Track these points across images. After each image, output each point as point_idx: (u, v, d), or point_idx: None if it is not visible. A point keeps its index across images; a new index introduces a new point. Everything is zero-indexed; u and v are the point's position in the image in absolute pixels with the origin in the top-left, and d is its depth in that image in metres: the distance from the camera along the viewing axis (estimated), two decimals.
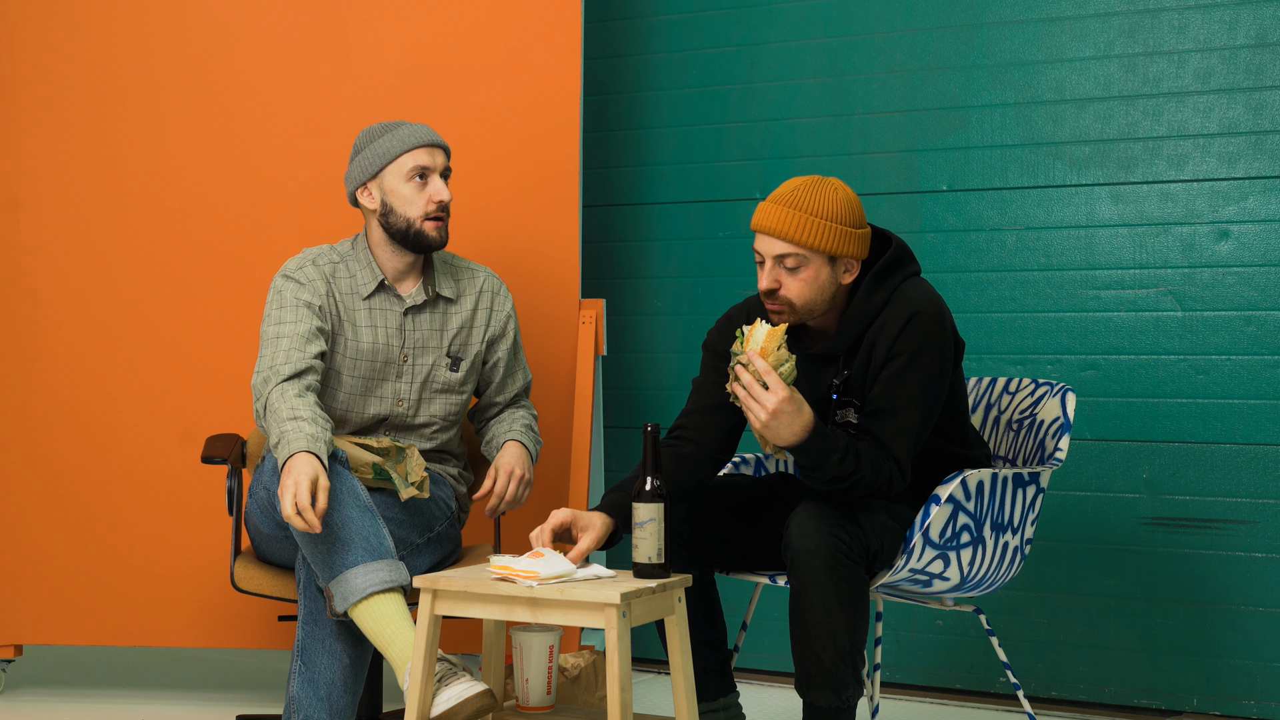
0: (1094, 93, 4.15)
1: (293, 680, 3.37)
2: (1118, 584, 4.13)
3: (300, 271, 3.63)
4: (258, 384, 3.49)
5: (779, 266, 3.24)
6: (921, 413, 3.23)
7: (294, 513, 3.24)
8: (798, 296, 3.25)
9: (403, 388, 3.68)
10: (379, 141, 3.62)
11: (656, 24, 4.73)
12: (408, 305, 3.67)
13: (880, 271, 3.29)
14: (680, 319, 4.69)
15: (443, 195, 3.62)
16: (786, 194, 3.23)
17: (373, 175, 3.62)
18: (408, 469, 3.43)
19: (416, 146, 3.60)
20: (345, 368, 3.64)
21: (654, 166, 4.74)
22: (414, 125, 3.64)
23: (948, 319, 3.29)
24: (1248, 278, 4.01)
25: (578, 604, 3.02)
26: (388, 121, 3.67)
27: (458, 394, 3.73)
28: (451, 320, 3.72)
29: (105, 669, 4.67)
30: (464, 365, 3.72)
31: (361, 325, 3.65)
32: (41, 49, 4.27)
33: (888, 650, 4.37)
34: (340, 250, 3.70)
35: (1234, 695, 4.02)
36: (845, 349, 3.30)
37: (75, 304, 4.24)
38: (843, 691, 3.16)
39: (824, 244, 3.21)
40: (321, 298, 3.61)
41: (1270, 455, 3.99)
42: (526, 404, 3.86)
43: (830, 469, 3.16)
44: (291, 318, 3.57)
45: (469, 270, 3.79)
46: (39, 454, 4.23)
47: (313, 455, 3.31)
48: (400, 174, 3.60)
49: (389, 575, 3.33)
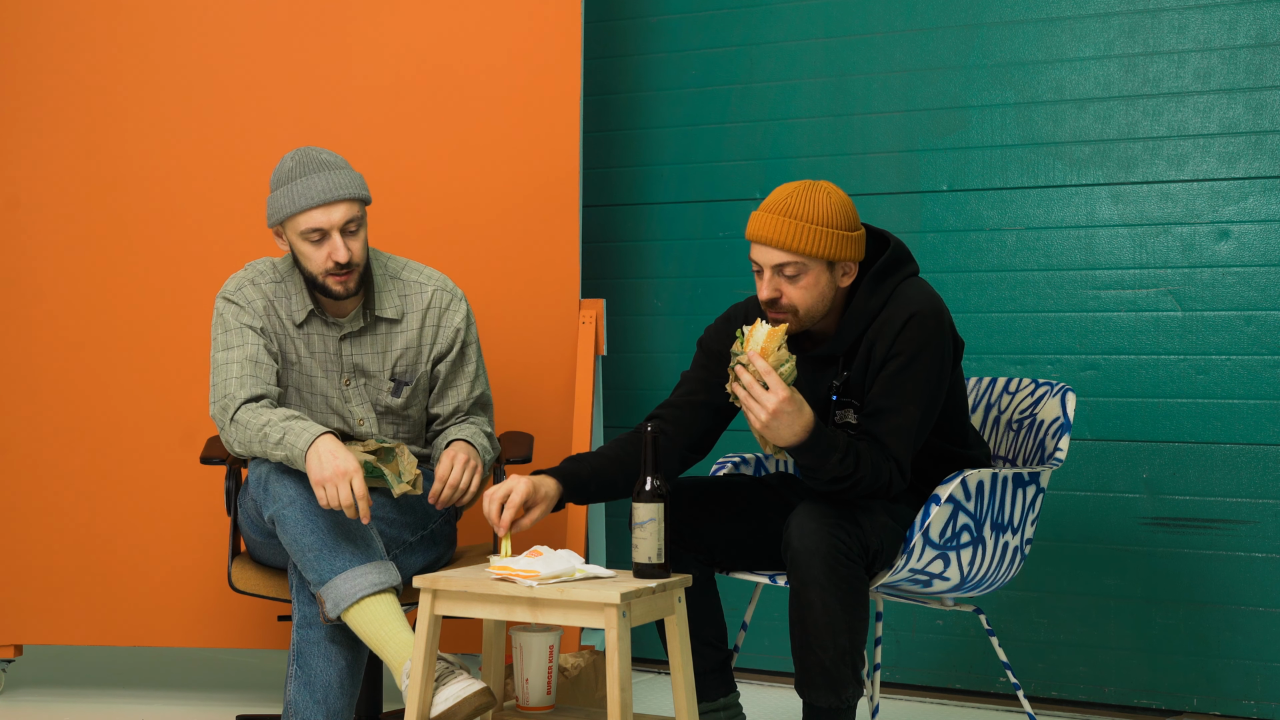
0: (1094, 93, 4.15)
1: (289, 684, 3.37)
2: (1118, 584, 4.13)
3: (239, 293, 3.55)
4: (216, 413, 3.45)
5: (778, 276, 3.23)
6: (920, 412, 3.23)
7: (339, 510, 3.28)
8: (800, 303, 3.24)
9: (356, 409, 3.61)
10: (279, 193, 3.48)
11: (656, 24, 4.73)
12: (344, 332, 3.58)
13: (878, 272, 3.29)
14: (680, 319, 4.69)
15: (339, 255, 3.44)
16: (780, 202, 3.23)
17: (278, 224, 3.51)
18: (400, 467, 3.43)
19: (309, 208, 3.44)
20: (303, 385, 3.59)
21: (654, 166, 4.74)
22: (312, 178, 3.45)
23: (946, 318, 3.29)
24: (1248, 278, 4.01)
25: (578, 604, 3.02)
26: (297, 160, 3.48)
27: (402, 416, 3.65)
28: (395, 341, 3.61)
29: (105, 669, 4.67)
30: (405, 391, 3.61)
31: (301, 351, 3.58)
32: (42, 49, 4.27)
33: (888, 650, 4.37)
34: (282, 269, 3.60)
35: (1234, 695, 4.02)
36: (845, 350, 3.30)
37: (75, 304, 4.24)
38: (843, 691, 3.16)
39: (821, 250, 3.21)
40: (263, 318, 3.54)
41: (1270, 455, 3.99)
42: (477, 418, 3.71)
43: (831, 469, 3.16)
44: (238, 341, 3.50)
45: (417, 284, 3.64)
46: (39, 454, 4.23)
47: (332, 435, 3.31)
48: (296, 233, 3.47)
49: (378, 578, 3.32)
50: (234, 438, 3.42)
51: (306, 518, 3.34)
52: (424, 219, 4.19)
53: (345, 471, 3.26)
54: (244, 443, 3.40)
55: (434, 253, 4.08)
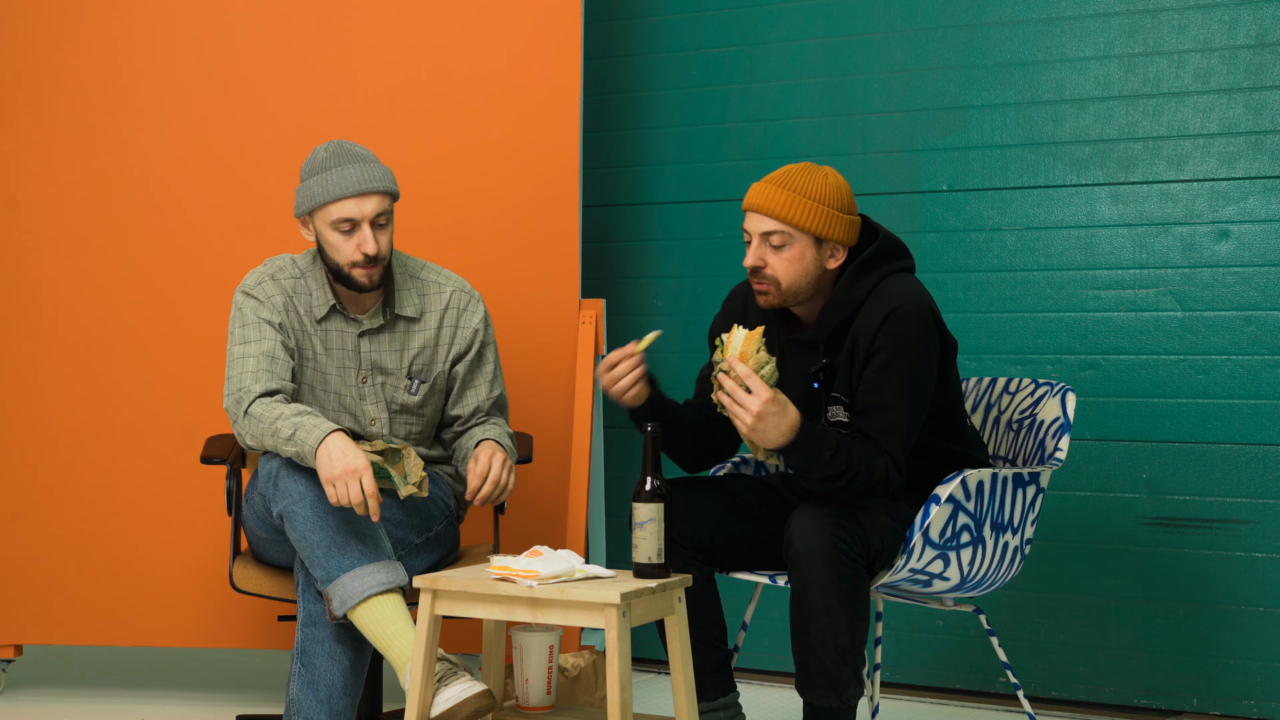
0: (1094, 93, 4.15)
1: (292, 683, 3.37)
2: (1118, 584, 4.13)
3: (259, 288, 3.56)
4: (230, 406, 3.46)
5: (765, 244, 3.30)
6: (909, 408, 3.24)
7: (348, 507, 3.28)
8: (783, 275, 3.30)
9: (369, 408, 3.62)
10: (311, 181, 3.50)
11: (656, 24, 4.73)
12: (364, 328, 3.59)
13: (863, 263, 3.31)
14: (680, 319, 4.69)
15: (368, 247, 3.47)
16: (778, 176, 3.32)
17: (307, 213, 3.53)
18: (406, 469, 3.43)
19: (342, 197, 3.46)
20: (317, 382, 3.60)
21: (654, 166, 4.74)
22: (346, 168, 3.48)
23: (930, 315, 3.29)
24: (1248, 278, 4.01)
25: (578, 604, 3.02)
26: (331, 151, 3.52)
27: (418, 415, 3.66)
28: (413, 340, 3.63)
29: (105, 669, 4.67)
30: (423, 389, 3.63)
31: (319, 347, 3.58)
32: (42, 49, 4.27)
33: (888, 650, 4.37)
34: (302, 265, 3.61)
35: (1234, 695, 4.02)
36: (825, 338, 3.33)
37: (75, 304, 4.24)
38: (843, 691, 3.16)
39: (809, 224, 3.26)
40: (281, 314, 3.55)
41: (1270, 455, 3.99)
42: (498, 420, 3.72)
43: (822, 467, 3.17)
44: (255, 335, 3.51)
45: (436, 284, 3.66)
46: (39, 454, 4.23)
47: (343, 433, 3.31)
48: (327, 222, 3.49)
49: (386, 577, 3.33)
50: (247, 431, 3.43)
51: (316, 515, 3.35)
52: (424, 219, 4.19)
53: (355, 469, 3.27)
54: (256, 436, 3.41)
55: (434, 252, 4.08)
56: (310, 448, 3.30)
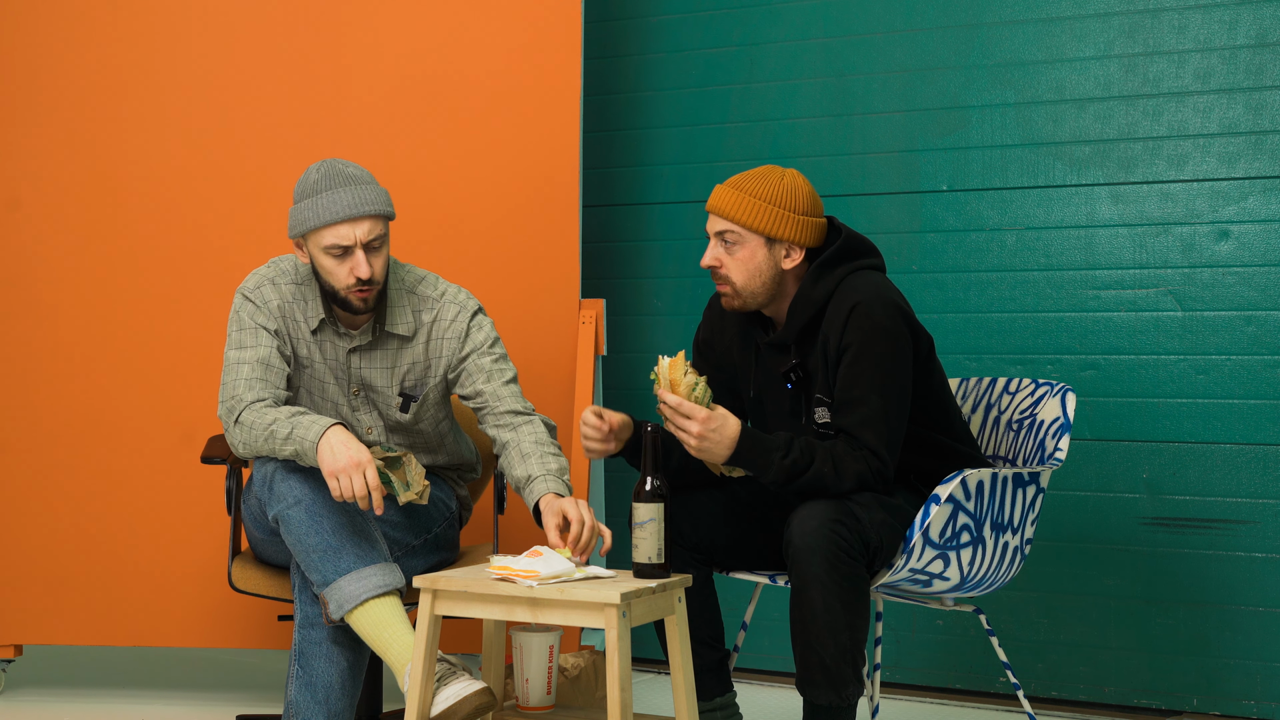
0: (1094, 93, 4.15)
1: (290, 685, 3.37)
2: (1118, 584, 4.13)
3: (257, 292, 3.51)
4: (223, 414, 3.42)
5: (720, 244, 3.35)
6: (882, 399, 3.24)
7: (352, 501, 3.27)
8: (737, 276, 3.33)
9: (364, 419, 3.59)
10: (303, 204, 3.42)
11: (656, 24, 4.73)
12: (354, 344, 3.54)
13: (824, 263, 3.33)
14: (680, 319, 4.69)
15: (361, 271, 3.39)
16: (736, 178, 3.37)
17: (299, 236, 3.46)
18: (407, 476, 3.41)
19: (334, 222, 3.39)
20: (315, 389, 3.57)
21: (654, 166, 4.74)
22: (338, 191, 3.40)
23: (895, 308, 3.29)
24: (1248, 278, 4.01)
25: (578, 604, 3.02)
26: (323, 172, 3.44)
27: (413, 431, 3.62)
28: (404, 357, 3.56)
29: (105, 669, 4.67)
30: (414, 407, 3.58)
31: (315, 356, 3.55)
32: (42, 50, 4.27)
33: (888, 650, 4.37)
34: (303, 272, 3.55)
35: (1234, 695, 4.02)
36: (793, 339, 3.35)
37: (75, 304, 4.24)
38: (843, 690, 3.16)
39: (759, 224, 3.30)
40: (278, 320, 3.50)
41: (1270, 455, 3.99)
42: (534, 417, 3.57)
43: (777, 467, 3.20)
44: (251, 341, 3.47)
45: (433, 300, 3.57)
46: (39, 454, 4.23)
47: (342, 426, 3.29)
48: (319, 246, 3.42)
49: (383, 580, 3.32)
50: (238, 439, 3.40)
51: (312, 518, 3.33)
52: (424, 219, 4.19)
53: (359, 462, 3.25)
54: (249, 443, 3.38)
55: (434, 253, 4.08)
56: (310, 443, 3.28)
